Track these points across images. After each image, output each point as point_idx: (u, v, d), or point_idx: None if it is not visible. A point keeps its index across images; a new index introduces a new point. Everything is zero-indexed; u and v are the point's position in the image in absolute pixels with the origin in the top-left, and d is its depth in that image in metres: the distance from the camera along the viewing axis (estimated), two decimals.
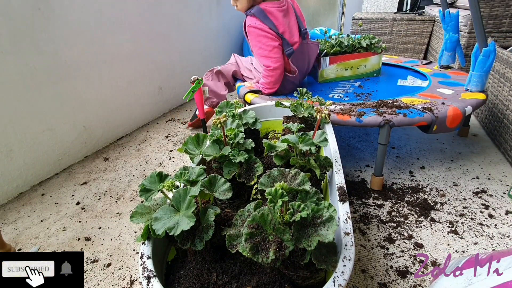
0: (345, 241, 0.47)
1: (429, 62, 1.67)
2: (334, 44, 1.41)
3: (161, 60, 1.81)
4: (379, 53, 1.42)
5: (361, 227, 0.92)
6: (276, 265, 0.41)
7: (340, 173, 0.65)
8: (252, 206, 0.50)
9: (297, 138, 0.63)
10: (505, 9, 1.72)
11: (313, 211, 0.44)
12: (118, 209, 1.05)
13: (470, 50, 1.77)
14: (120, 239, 0.92)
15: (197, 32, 2.11)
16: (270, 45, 1.22)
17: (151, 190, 0.52)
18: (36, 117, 1.18)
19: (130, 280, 0.79)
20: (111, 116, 1.51)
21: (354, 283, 0.75)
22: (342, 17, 3.40)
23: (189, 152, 0.68)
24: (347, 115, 1.02)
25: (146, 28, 1.66)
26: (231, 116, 0.79)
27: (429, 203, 1.01)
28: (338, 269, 0.42)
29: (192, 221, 0.45)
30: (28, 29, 1.11)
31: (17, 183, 1.14)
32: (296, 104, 0.88)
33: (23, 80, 1.11)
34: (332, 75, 1.44)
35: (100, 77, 1.43)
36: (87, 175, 1.26)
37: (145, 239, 0.50)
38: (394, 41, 2.49)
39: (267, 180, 0.52)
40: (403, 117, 0.99)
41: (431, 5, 2.53)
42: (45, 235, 0.95)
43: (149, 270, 0.45)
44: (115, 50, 1.49)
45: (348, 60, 1.42)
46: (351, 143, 1.43)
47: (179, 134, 1.60)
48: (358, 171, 1.21)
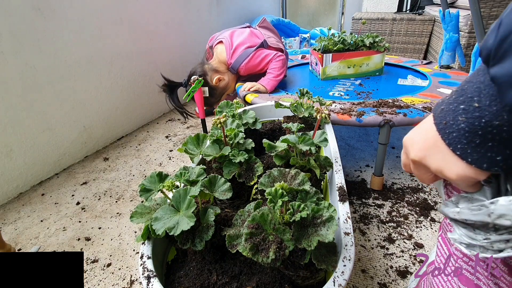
0: (345, 241, 0.47)
1: (429, 62, 1.67)
2: (338, 42, 1.41)
3: (161, 60, 1.81)
4: (382, 51, 1.42)
5: (361, 227, 0.92)
6: (276, 265, 0.41)
7: (340, 173, 0.65)
8: (252, 206, 0.50)
9: (297, 138, 0.63)
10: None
11: (313, 211, 0.44)
12: (118, 209, 1.05)
13: (470, 50, 1.77)
14: (120, 239, 0.92)
15: (197, 32, 2.11)
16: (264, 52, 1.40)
17: (151, 190, 0.52)
18: (36, 117, 1.18)
19: (130, 280, 0.79)
20: (111, 116, 1.51)
21: (354, 283, 0.75)
22: (342, 17, 3.40)
23: (189, 152, 0.68)
24: (347, 114, 1.02)
25: (146, 28, 1.66)
26: (231, 116, 0.79)
27: (429, 203, 1.01)
28: (338, 269, 0.42)
29: (192, 221, 0.45)
30: (28, 29, 1.11)
31: (17, 183, 1.14)
32: (296, 104, 0.88)
33: (23, 80, 1.11)
34: (334, 73, 1.44)
35: (100, 77, 1.43)
36: (87, 175, 1.26)
37: (145, 239, 0.50)
38: (394, 41, 2.49)
39: (267, 180, 0.52)
40: (403, 116, 0.99)
41: (431, 5, 2.53)
42: (45, 235, 0.95)
43: (149, 270, 0.45)
44: (115, 50, 1.49)
45: (351, 58, 1.42)
46: (351, 143, 1.43)
47: (179, 134, 1.60)
48: (358, 171, 1.21)
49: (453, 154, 0.31)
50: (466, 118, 0.29)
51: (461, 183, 0.33)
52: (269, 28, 1.57)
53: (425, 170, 0.36)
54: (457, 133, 0.30)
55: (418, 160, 0.35)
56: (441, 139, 0.32)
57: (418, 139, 0.35)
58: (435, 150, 0.33)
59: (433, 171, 0.34)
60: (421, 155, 0.34)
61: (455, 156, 0.31)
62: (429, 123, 0.34)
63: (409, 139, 0.37)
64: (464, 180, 0.32)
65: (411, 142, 0.36)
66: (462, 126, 0.30)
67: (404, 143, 0.38)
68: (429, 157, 0.34)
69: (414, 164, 0.36)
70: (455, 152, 0.31)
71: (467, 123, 0.29)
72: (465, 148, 0.30)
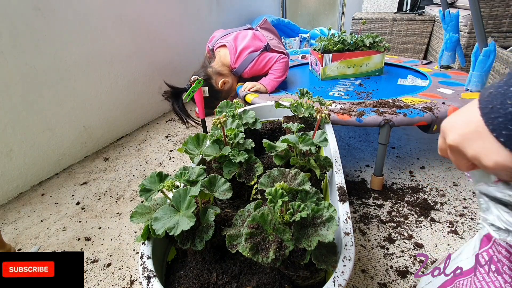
0: (345, 241, 0.47)
1: (429, 62, 1.67)
2: (337, 42, 1.41)
3: (161, 60, 1.81)
4: (382, 51, 1.42)
5: (361, 227, 0.92)
6: (276, 265, 0.41)
7: (340, 173, 0.65)
8: (252, 206, 0.50)
9: (297, 138, 0.63)
10: (505, 9, 1.72)
11: (313, 211, 0.44)
12: (118, 209, 1.05)
13: (470, 50, 1.77)
14: (120, 239, 0.92)
15: (197, 32, 2.11)
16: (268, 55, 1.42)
17: (151, 190, 0.52)
18: (36, 117, 1.18)
19: (130, 280, 0.79)
20: (111, 116, 1.51)
21: (354, 283, 0.75)
22: (342, 17, 3.40)
23: (189, 152, 0.68)
24: (347, 114, 1.02)
25: (146, 28, 1.66)
26: (231, 116, 0.79)
27: (429, 203, 1.01)
28: (338, 269, 0.42)
29: (192, 221, 0.45)
30: (28, 29, 1.11)
31: (17, 183, 1.14)
32: (296, 104, 0.88)
33: (23, 80, 1.11)
34: (334, 73, 1.44)
35: (100, 77, 1.43)
36: (87, 175, 1.26)
37: (145, 239, 0.50)
38: (394, 41, 2.49)
39: (267, 180, 0.52)
40: (403, 116, 0.99)
41: (431, 5, 2.53)
42: (45, 235, 0.95)
43: (149, 270, 0.45)
44: (115, 50, 1.49)
45: (351, 58, 1.42)
46: (351, 143, 1.43)
47: (179, 134, 1.60)
48: (358, 171, 1.21)
49: (496, 140, 0.30)
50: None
51: (498, 173, 0.32)
52: (270, 30, 1.58)
53: (462, 157, 0.34)
54: (503, 118, 0.29)
55: (456, 145, 0.34)
56: (484, 125, 0.30)
57: (458, 123, 0.34)
58: (475, 136, 0.31)
59: (469, 158, 0.33)
60: (460, 140, 0.33)
61: (497, 143, 0.30)
62: (473, 107, 0.32)
63: (449, 123, 0.35)
64: (503, 170, 0.30)
65: (450, 125, 0.35)
66: (511, 110, 0.28)
67: (442, 126, 0.36)
68: (468, 143, 0.32)
69: (451, 150, 0.35)
70: (499, 139, 0.29)
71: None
72: (510, 135, 0.28)
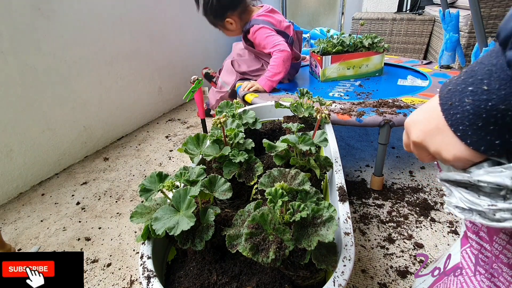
0: (345, 241, 0.47)
1: (429, 62, 1.67)
2: (336, 43, 1.41)
3: (161, 60, 1.81)
4: (381, 52, 1.42)
5: (361, 227, 0.92)
6: (276, 265, 0.41)
7: (340, 173, 0.65)
8: (252, 206, 0.50)
9: (297, 138, 0.63)
10: (505, 9, 1.72)
11: (313, 211, 0.44)
12: (118, 209, 1.05)
13: (470, 50, 1.77)
14: (120, 239, 0.92)
15: (197, 33, 2.11)
16: (275, 35, 1.36)
17: (151, 190, 0.52)
18: (36, 117, 1.18)
19: (130, 280, 0.79)
20: (111, 116, 1.51)
21: (354, 283, 0.75)
22: (342, 17, 3.40)
23: (189, 152, 0.68)
24: (347, 114, 1.02)
25: (146, 28, 1.66)
26: (231, 116, 0.79)
27: (429, 203, 1.01)
28: (338, 269, 0.42)
29: (192, 221, 0.45)
30: (28, 29, 1.11)
31: (17, 183, 1.14)
32: (296, 104, 0.88)
33: (23, 80, 1.11)
34: (334, 74, 1.44)
35: (100, 77, 1.43)
36: (87, 175, 1.26)
37: (145, 239, 0.50)
38: (394, 41, 2.49)
39: (267, 180, 0.52)
40: (403, 116, 0.99)
41: (431, 5, 2.54)
42: (45, 235, 0.95)
43: (149, 270, 0.45)
44: (115, 50, 1.49)
45: (350, 59, 1.42)
46: (351, 143, 1.43)
47: (179, 134, 1.60)
48: (358, 171, 1.21)
49: (454, 135, 0.32)
50: (473, 100, 0.29)
51: (456, 164, 0.34)
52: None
53: (425, 151, 0.37)
54: (461, 114, 0.30)
55: (419, 141, 0.36)
56: (444, 120, 0.32)
57: (420, 120, 0.36)
58: (436, 132, 0.33)
59: (431, 153, 0.35)
60: (422, 137, 0.35)
61: (455, 138, 0.32)
62: (434, 104, 0.34)
63: (412, 120, 0.37)
64: (460, 162, 0.33)
65: (413, 123, 0.37)
66: (467, 108, 0.30)
67: (406, 124, 0.39)
68: (430, 139, 0.34)
69: (415, 145, 0.37)
70: (456, 133, 0.31)
71: (473, 105, 0.29)
72: (466, 130, 0.30)
